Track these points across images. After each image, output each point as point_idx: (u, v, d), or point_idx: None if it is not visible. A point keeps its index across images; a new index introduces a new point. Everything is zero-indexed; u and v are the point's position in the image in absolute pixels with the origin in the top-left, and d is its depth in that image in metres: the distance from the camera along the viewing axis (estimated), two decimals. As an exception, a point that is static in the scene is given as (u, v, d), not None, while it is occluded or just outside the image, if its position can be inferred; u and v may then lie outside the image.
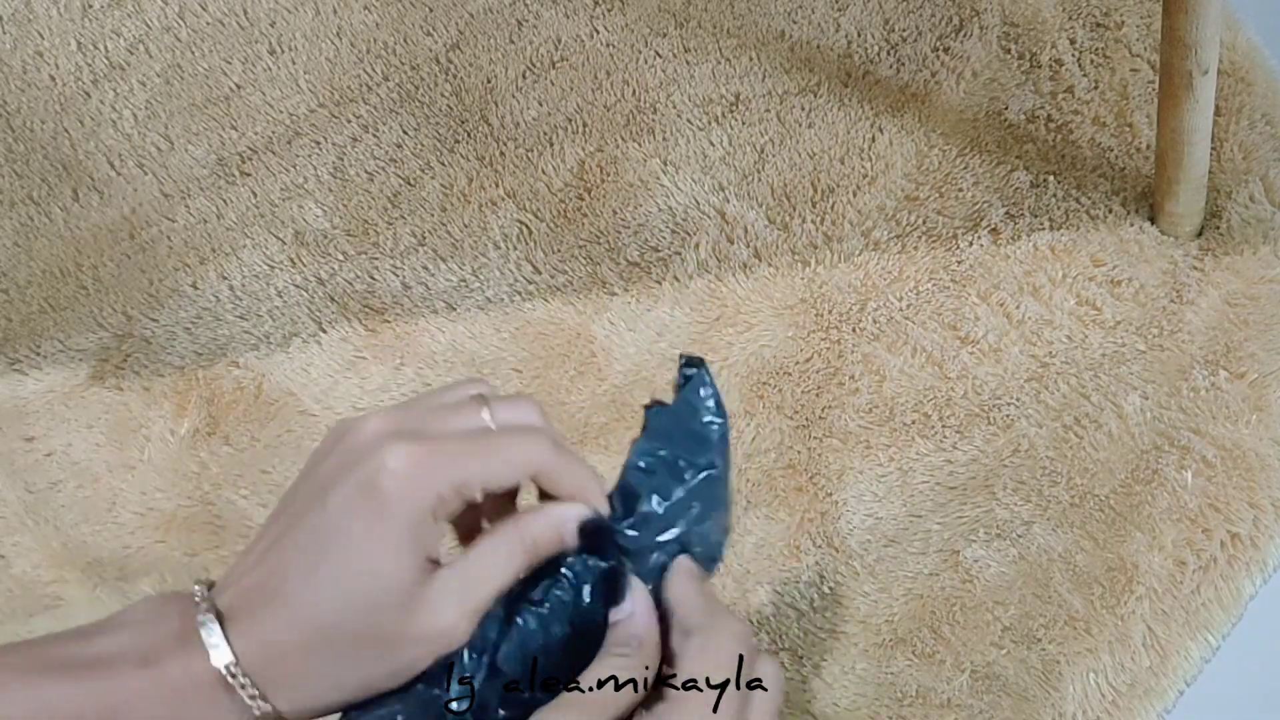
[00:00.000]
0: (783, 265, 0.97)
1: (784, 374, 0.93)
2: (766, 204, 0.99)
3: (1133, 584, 0.84)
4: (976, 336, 0.93)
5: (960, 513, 0.87)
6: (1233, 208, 0.96)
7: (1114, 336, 0.92)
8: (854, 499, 0.88)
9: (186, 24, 1.11)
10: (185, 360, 0.97)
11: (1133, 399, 0.90)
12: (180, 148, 1.06)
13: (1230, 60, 1.01)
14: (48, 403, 0.96)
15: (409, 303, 0.98)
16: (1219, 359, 0.91)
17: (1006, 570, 0.85)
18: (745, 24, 1.07)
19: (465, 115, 1.05)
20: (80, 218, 1.03)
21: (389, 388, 0.95)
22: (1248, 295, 0.93)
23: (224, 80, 1.08)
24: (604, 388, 0.94)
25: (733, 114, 1.03)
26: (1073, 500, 0.87)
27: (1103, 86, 1.01)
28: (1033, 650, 0.83)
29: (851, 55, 1.05)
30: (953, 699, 0.82)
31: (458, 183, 1.02)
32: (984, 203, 0.98)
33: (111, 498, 0.92)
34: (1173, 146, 0.90)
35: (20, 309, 1.00)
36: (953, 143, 1.01)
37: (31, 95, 1.09)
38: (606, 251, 0.99)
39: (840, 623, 0.85)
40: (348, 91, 1.07)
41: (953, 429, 0.90)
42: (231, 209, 1.03)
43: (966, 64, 1.04)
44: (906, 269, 0.96)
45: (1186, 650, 0.82)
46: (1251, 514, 0.86)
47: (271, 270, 1.00)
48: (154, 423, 0.95)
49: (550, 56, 1.07)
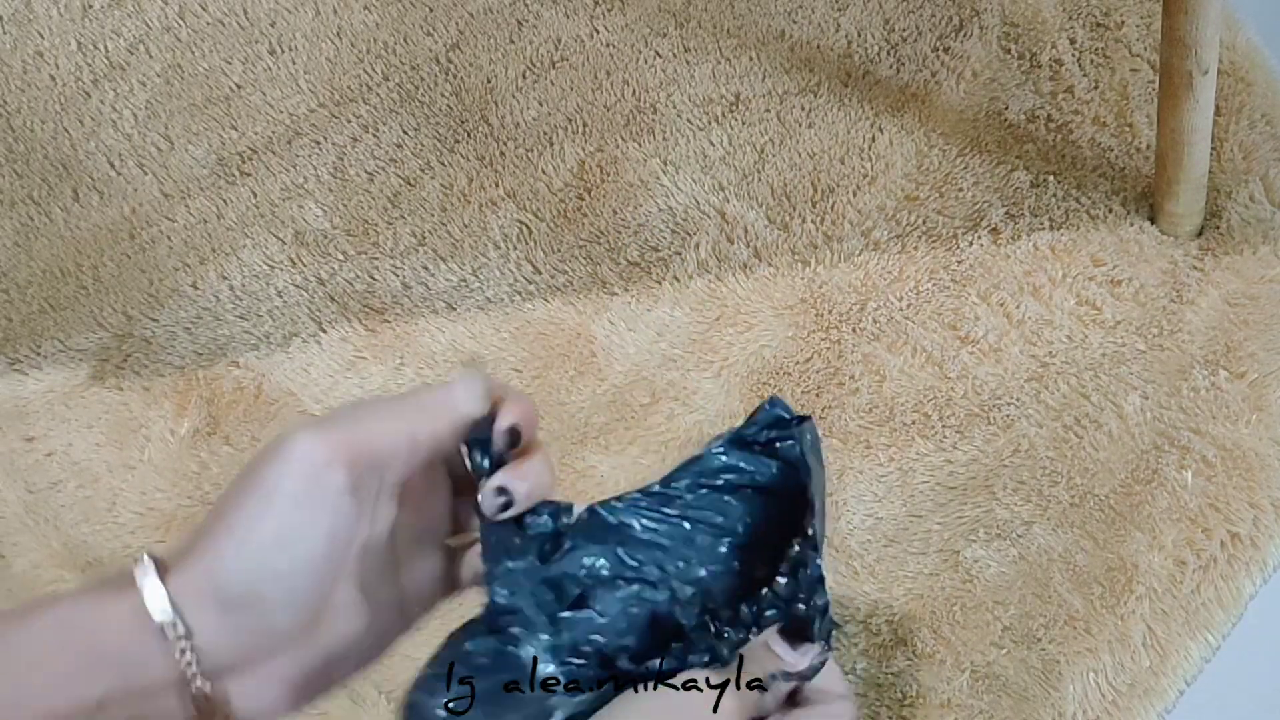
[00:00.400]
0: (783, 265, 0.97)
1: (784, 374, 0.93)
2: (766, 204, 0.99)
3: (1133, 584, 0.84)
4: (976, 336, 0.93)
5: (960, 513, 0.87)
6: (1233, 208, 0.96)
7: (1114, 336, 0.92)
8: (854, 499, 0.88)
9: (186, 24, 1.11)
10: (185, 360, 0.97)
11: (1133, 399, 0.90)
12: (180, 148, 1.06)
13: (1230, 60, 1.01)
14: (48, 403, 0.96)
15: (409, 303, 0.98)
16: (1219, 359, 0.91)
17: (1006, 570, 0.85)
18: (745, 24, 1.07)
19: (465, 115, 1.05)
20: (80, 218, 1.03)
21: (389, 388, 0.95)
22: (1248, 295, 0.93)
23: (224, 80, 1.08)
24: (604, 388, 0.94)
25: (733, 114, 1.03)
26: (1073, 500, 0.87)
27: (1103, 86, 1.01)
28: (1033, 650, 0.83)
29: (851, 55, 1.05)
30: (953, 699, 0.82)
31: (458, 183, 1.02)
32: (984, 203, 0.98)
33: (111, 498, 0.92)
34: (1173, 146, 0.90)
35: (20, 309, 1.00)
36: (953, 143, 1.01)
37: (31, 95, 1.09)
38: (606, 251, 0.99)
39: (840, 623, 0.85)
40: (348, 91, 1.07)
41: (953, 429, 0.90)
42: (231, 209, 1.03)
43: (966, 64, 1.04)
44: (906, 269, 0.96)
45: (1186, 650, 0.82)
46: (1251, 514, 0.86)
47: (271, 270, 1.00)
48: (154, 423, 0.95)
49: (550, 56, 1.07)
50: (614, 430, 0.92)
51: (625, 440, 0.92)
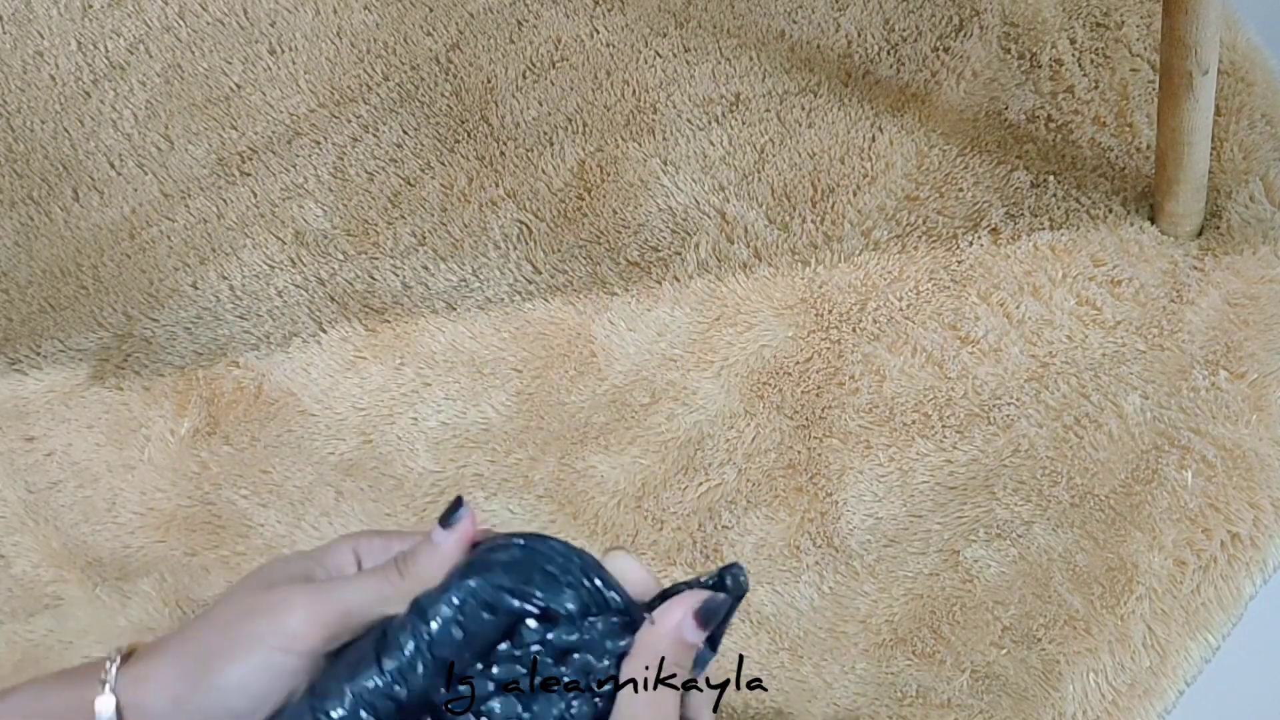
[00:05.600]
0: (783, 265, 0.97)
1: (784, 374, 0.93)
2: (766, 204, 0.99)
3: (1133, 584, 0.84)
4: (976, 336, 0.93)
5: (960, 513, 0.87)
6: (1233, 208, 0.96)
7: (1114, 336, 0.92)
8: (854, 499, 0.88)
9: (186, 24, 1.11)
10: (185, 360, 0.97)
11: (1133, 399, 0.90)
12: (180, 148, 1.06)
13: (1230, 60, 1.01)
14: (48, 403, 0.96)
15: (409, 303, 0.98)
16: (1219, 359, 0.91)
17: (1006, 570, 0.85)
18: (745, 24, 1.07)
19: (465, 115, 1.05)
20: (80, 218, 1.03)
21: (389, 388, 0.95)
22: (1248, 295, 0.93)
23: (224, 80, 1.08)
24: (604, 388, 0.94)
25: (733, 114, 1.03)
26: (1073, 500, 0.87)
27: (1103, 86, 1.01)
28: (1033, 650, 0.83)
29: (851, 55, 1.05)
30: (953, 699, 0.82)
31: (458, 183, 1.02)
32: (984, 203, 0.98)
33: (111, 498, 0.92)
34: (1173, 146, 0.90)
35: (20, 309, 1.00)
36: (953, 143, 1.01)
37: (31, 95, 1.09)
38: (606, 251, 0.99)
39: (840, 623, 0.85)
40: (348, 91, 1.07)
41: (953, 429, 0.90)
42: (231, 209, 1.03)
43: (966, 64, 1.04)
44: (906, 269, 0.96)
45: (1186, 650, 0.82)
46: (1251, 514, 0.86)
47: (271, 270, 1.00)
48: (154, 423, 0.95)
49: (550, 56, 1.07)
50: (614, 430, 0.92)
51: (625, 440, 0.92)
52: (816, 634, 0.85)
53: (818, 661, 0.84)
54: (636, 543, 0.88)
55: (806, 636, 0.85)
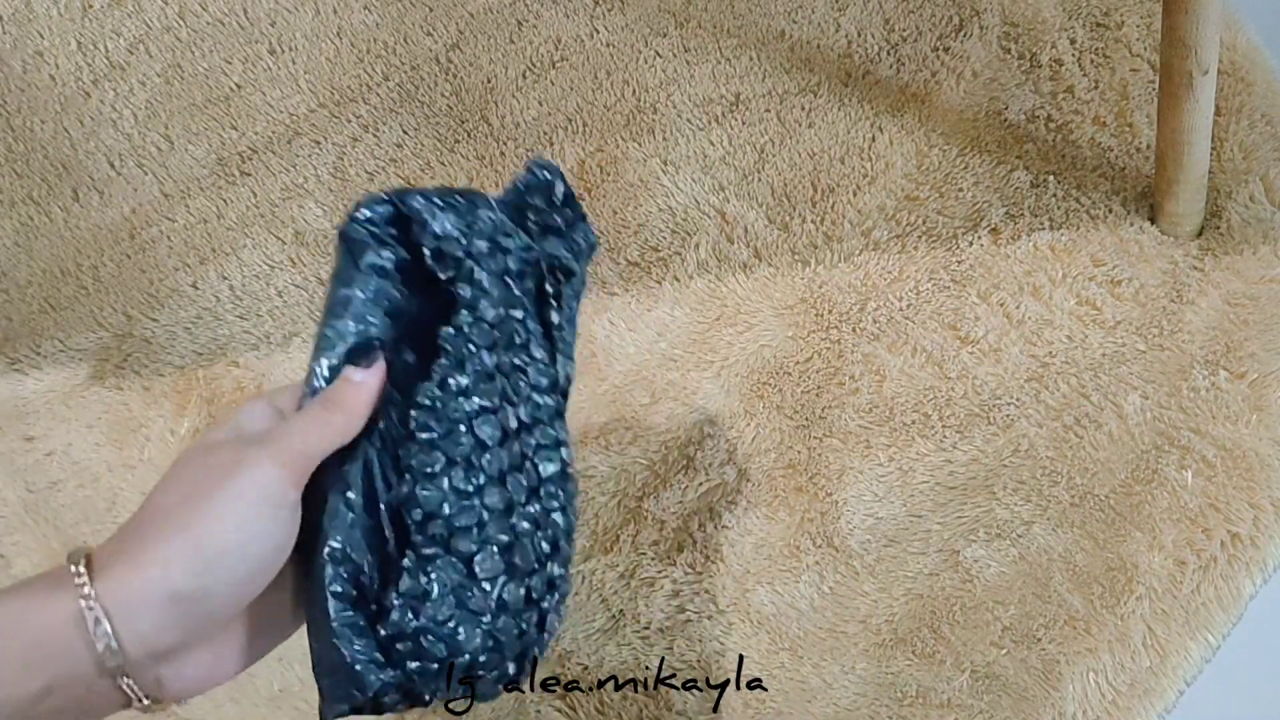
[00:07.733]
0: (783, 265, 0.97)
1: (784, 374, 0.93)
2: (766, 204, 0.99)
3: (1133, 584, 0.84)
4: (976, 336, 0.93)
5: (960, 513, 0.88)
6: (1233, 208, 0.96)
7: (1114, 336, 0.92)
8: (854, 499, 0.88)
9: (186, 24, 1.11)
10: (185, 360, 0.97)
11: (1133, 399, 0.90)
12: (180, 148, 1.06)
13: (1230, 60, 1.01)
14: (48, 402, 0.96)
15: (409, 303, 0.98)
16: (1219, 359, 0.91)
17: (1006, 570, 0.85)
18: (745, 24, 1.07)
19: (465, 115, 1.05)
20: (80, 218, 1.03)
21: (389, 388, 0.95)
22: (1248, 295, 0.93)
23: (224, 80, 1.08)
24: (604, 388, 0.94)
25: (733, 114, 1.03)
26: (1073, 500, 0.87)
27: (1103, 86, 1.01)
28: (1033, 650, 0.83)
29: (851, 55, 1.05)
30: (953, 699, 0.82)
31: (458, 183, 1.02)
32: (984, 203, 0.98)
33: (111, 497, 0.92)
34: (1173, 146, 0.90)
35: (20, 309, 1.00)
36: (953, 143, 1.01)
37: (31, 95, 1.09)
38: (606, 251, 0.99)
39: (840, 623, 0.85)
40: (348, 91, 1.07)
41: (953, 429, 0.90)
42: (231, 209, 1.03)
43: (966, 64, 1.04)
44: (906, 269, 0.96)
45: (1186, 650, 0.82)
46: (1251, 514, 0.86)
47: (271, 270, 1.00)
48: (154, 423, 0.95)
49: (550, 56, 1.07)
50: (614, 430, 0.92)
51: (625, 440, 0.92)
52: (816, 634, 0.85)
53: (818, 661, 0.84)
54: (636, 543, 0.88)
55: (806, 636, 0.85)
